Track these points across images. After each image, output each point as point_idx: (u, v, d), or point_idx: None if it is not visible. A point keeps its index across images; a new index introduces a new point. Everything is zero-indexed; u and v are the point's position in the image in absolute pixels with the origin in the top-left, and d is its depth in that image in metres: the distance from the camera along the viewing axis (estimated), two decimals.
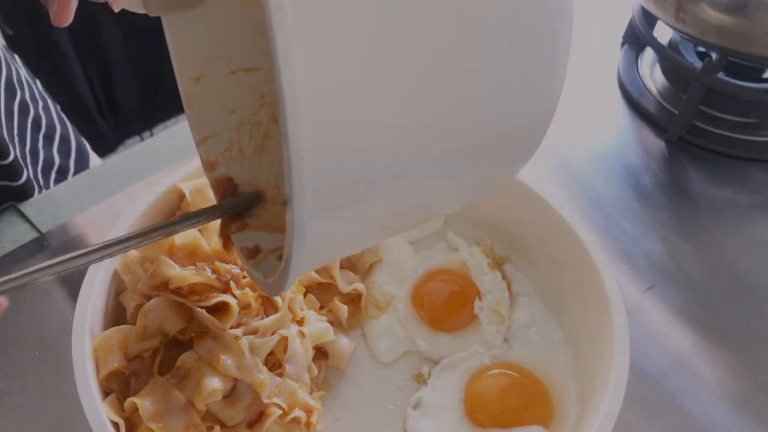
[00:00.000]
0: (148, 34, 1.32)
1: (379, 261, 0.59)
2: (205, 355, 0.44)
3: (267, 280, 0.33)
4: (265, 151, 0.40)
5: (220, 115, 0.40)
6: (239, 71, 0.39)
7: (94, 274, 0.48)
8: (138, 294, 0.47)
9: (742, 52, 0.68)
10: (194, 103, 0.39)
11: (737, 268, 0.64)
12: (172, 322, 0.45)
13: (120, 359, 0.45)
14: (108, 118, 1.39)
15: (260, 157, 0.40)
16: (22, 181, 0.67)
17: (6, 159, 0.65)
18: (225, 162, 0.40)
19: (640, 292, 0.61)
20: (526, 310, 0.55)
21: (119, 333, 0.46)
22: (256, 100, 0.40)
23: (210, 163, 0.40)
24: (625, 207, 0.69)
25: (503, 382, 0.51)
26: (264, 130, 0.40)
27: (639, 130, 0.78)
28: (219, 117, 0.40)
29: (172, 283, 0.45)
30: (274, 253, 0.36)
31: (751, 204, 0.70)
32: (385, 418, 0.50)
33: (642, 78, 0.82)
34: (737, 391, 0.55)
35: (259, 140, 0.40)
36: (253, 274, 0.35)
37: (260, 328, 0.46)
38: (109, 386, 0.45)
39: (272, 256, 0.36)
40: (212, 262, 0.47)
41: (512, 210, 0.57)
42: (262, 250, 0.36)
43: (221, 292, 0.46)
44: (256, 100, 0.40)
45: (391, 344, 0.54)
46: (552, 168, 0.72)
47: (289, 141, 0.22)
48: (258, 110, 0.40)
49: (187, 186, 0.52)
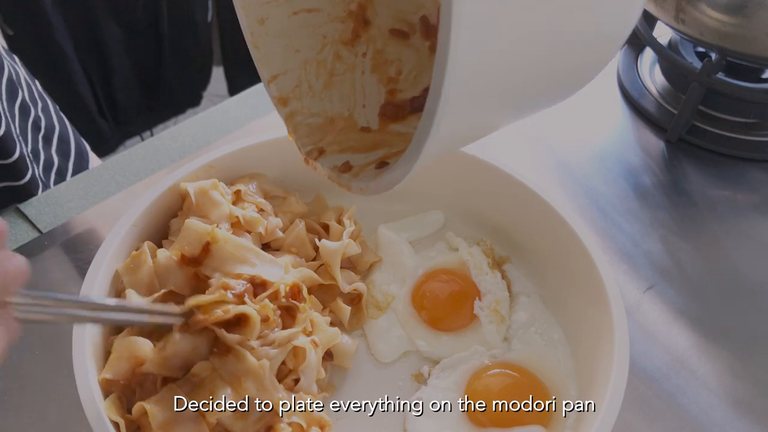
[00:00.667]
0: (148, 34, 1.32)
1: (379, 261, 0.59)
2: (226, 375, 0.43)
3: (380, 177, 0.33)
4: (334, 86, 0.43)
5: (285, 55, 0.42)
6: (301, 12, 0.41)
7: (95, 274, 0.48)
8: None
9: (741, 52, 0.68)
10: (260, 44, 0.41)
11: (737, 268, 0.64)
12: (201, 351, 0.45)
13: (125, 372, 0.44)
14: (108, 118, 1.39)
15: (330, 92, 0.43)
16: (27, 179, 0.67)
17: (10, 157, 0.65)
18: (296, 97, 0.42)
19: (639, 292, 0.61)
20: (526, 310, 0.55)
21: (137, 348, 0.44)
22: (319, 40, 0.42)
23: (282, 99, 0.42)
24: (625, 207, 0.69)
25: (503, 382, 0.51)
26: (330, 68, 0.43)
27: (639, 130, 0.78)
28: (285, 56, 0.42)
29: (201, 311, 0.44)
30: (369, 165, 0.38)
31: (751, 204, 0.70)
32: (385, 418, 0.50)
33: (642, 78, 0.83)
34: (737, 390, 0.55)
35: (326, 77, 0.43)
36: (354, 184, 0.36)
37: (276, 340, 0.46)
38: (109, 388, 0.45)
39: (369, 168, 0.38)
40: (220, 279, 0.46)
41: (512, 210, 0.58)
42: (354, 166, 0.38)
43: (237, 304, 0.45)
44: (319, 40, 0.42)
45: (391, 344, 0.54)
46: (552, 168, 0.72)
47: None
48: (321, 49, 0.42)
49: (193, 187, 0.52)
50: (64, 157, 0.77)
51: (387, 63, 0.43)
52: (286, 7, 0.41)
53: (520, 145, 0.74)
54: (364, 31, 0.43)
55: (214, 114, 0.77)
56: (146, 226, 0.53)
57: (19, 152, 0.66)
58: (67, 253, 0.59)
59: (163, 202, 0.53)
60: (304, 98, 0.42)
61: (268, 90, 0.42)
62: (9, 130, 0.65)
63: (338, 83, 0.43)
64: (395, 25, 0.43)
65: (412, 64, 0.43)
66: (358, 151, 0.40)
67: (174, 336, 0.44)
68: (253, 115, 0.77)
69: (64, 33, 1.20)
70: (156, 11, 1.29)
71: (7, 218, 0.64)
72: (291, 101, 0.42)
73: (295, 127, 0.42)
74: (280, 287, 0.47)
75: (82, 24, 1.22)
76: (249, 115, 0.77)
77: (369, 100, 0.43)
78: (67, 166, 0.77)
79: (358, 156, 0.39)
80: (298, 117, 0.42)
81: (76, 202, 0.66)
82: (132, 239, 0.51)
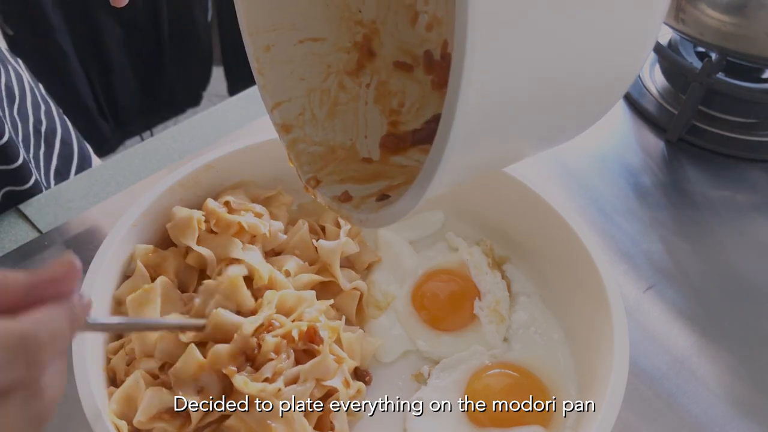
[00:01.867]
0: (148, 34, 1.32)
1: (379, 261, 0.59)
2: (256, 426, 0.43)
3: (382, 210, 0.33)
4: (337, 116, 0.43)
5: (290, 82, 0.42)
6: (306, 41, 0.42)
7: (95, 274, 0.48)
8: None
9: (741, 52, 0.68)
10: (266, 71, 0.41)
11: (737, 268, 0.64)
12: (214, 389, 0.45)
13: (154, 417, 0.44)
14: (108, 118, 1.39)
15: (333, 121, 0.43)
16: (30, 184, 0.67)
17: (14, 163, 0.65)
18: (299, 125, 0.42)
19: (639, 292, 0.61)
20: (526, 310, 0.55)
21: (158, 399, 0.44)
22: (324, 69, 0.43)
23: (285, 126, 0.42)
24: (625, 207, 0.69)
25: (503, 382, 0.51)
26: (333, 97, 0.43)
27: (639, 130, 0.78)
28: (290, 84, 0.42)
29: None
30: (370, 197, 0.38)
31: (751, 204, 0.70)
32: (385, 418, 0.50)
33: (642, 78, 0.83)
34: (737, 390, 0.55)
35: (329, 106, 0.43)
36: (354, 215, 0.36)
37: (301, 374, 0.46)
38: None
39: (370, 199, 0.37)
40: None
41: (512, 210, 0.58)
42: (354, 197, 0.38)
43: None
44: (324, 69, 0.43)
45: (391, 344, 0.54)
46: (552, 168, 0.72)
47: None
48: (326, 78, 0.43)
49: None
50: (66, 161, 0.77)
51: (390, 94, 0.43)
52: (292, 35, 0.41)
53: None
54: (368, 62, 0.43)
55: (214, 114, 0.77)
56: (146, 226, 0.53)
57: (22, 158, 0.66)
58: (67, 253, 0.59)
59: (163, 202, 0.53)
60: (307, 126, 0.42)
61: (271, 117, 0.42)
62: (11, 135, 0.65)
63: (341, 113, 0.43)
64: (400, 58, 0.43)
65: (415, 97, 0.43)
66: (359, 182, 0.40)
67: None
68: (253, 115, 0.77)
69: (64, 33, 1.20)
70: (156, 11, 1.29)
71: (6, 218, 0.64)
72: (294, 129, 0.42)
73: (297, 154, 0.42)
74: (293, 331, 0.47)
75: (82, 24, 1.22)
76: (249, 115, 0.77)
77: (371, 130, 0.43)
78: (69, 169, 0.77)
79: (358, 187, 0.39)
80: (300, 145, 0.42)
81: (76, 202, 0.66)
82: (132, 239, 0.51)
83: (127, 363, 0.47)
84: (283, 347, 0.46)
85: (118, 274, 0.51)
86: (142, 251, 0.51)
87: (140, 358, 0.46)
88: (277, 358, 0.45)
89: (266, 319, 0.47)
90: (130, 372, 0.46)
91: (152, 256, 0.52)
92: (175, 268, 0.52)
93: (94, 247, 0.50)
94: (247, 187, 0.58)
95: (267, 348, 0.45)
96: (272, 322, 0.47)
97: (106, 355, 0.48)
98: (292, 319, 0.48)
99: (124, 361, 0.47)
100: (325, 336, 0.47)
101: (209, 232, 0.53)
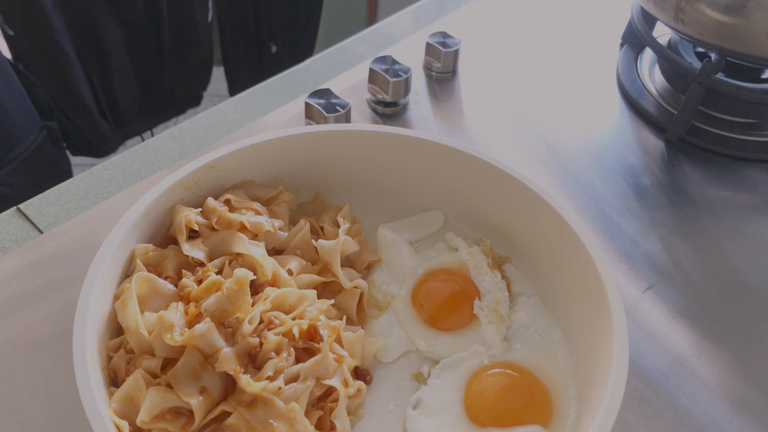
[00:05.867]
0: (148, 34, 1.32)
1: (379, 261, 0.59)
2: (257, 425, 0.43)
3: None
4: None
5: None
6: None
7: (95, 274, 0.48)
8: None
9: (740, 52, 0.69)
10: None
11: (736, 268, 0.64)
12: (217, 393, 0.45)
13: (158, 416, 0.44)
14: (108, 118, 1.39)
15: None
16: None
17: None
18: None
19: (639, 292, 0.61)
20: (525, 310, 0.55)
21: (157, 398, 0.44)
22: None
23: None
24: (625, 207, 0.69)
25: (503, 381, 0.51)
26: None
27: (638, 130, 0.78)
28: None
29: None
30: None
31: (750, 204, 0.70)
32: (385, 418, 0.50)
33: (641, 78, 0.83)
34: (737, 390, 0.55)
35: None
36: None
37: (301, 372, 0.46)
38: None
39: None
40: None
41: (512, 210, 0.58)
42: None
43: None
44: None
45: (391, 344, 0.54)
46: (552, 168, 0.72)
47: None
48: None
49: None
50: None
51: None
52: None
53: (520, 145, 0.74)
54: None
55: (214, 114, 0.77)
56: (146, 226, 0.53)
57: None
58: (67, 253, 0.59)
59: (163, 202, 0.53)
60: None
61: None
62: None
63: None
64: None
65: None
66: None
67: None
68: (253, 116, 0.77)
69: (64, 33, 1.20)
70: (156, 11, 1.29)
71: (6, 218, 0.64)
72: None
73: None
74: (293, 329, 0.47)
75: (82, 24, 1.22)
76: (249, 116, 0.77)
77: None
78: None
79: None
80: None
81: (76, 202, 0.66)
82: (132, 239, 0.51)
83: (128, 362, 0.47)
84: (284, 346, 0.46)
85: (119, 274, 0.51)
86: (142, 250, 0.52)
87: (139, 355, 0.46)
88: (278, 357, 0.45)
89: (263, 314, 0.47)
90: (130, 371, 0.46)
91: (152, 254, 0.52)
92: (176, 266, 0.52)
93: (94, 247, 0.50)
94: (248, 187, 0.58)
95: (269, 346, 0.45)
96: (273, 319, 0.47)
97: (107, 354, 0.48)
98: (292, 317, 0.48)
99: (124, 361, 0.47)
100: (325, 334, 0.47)
101: (210, 230, 0.53)
